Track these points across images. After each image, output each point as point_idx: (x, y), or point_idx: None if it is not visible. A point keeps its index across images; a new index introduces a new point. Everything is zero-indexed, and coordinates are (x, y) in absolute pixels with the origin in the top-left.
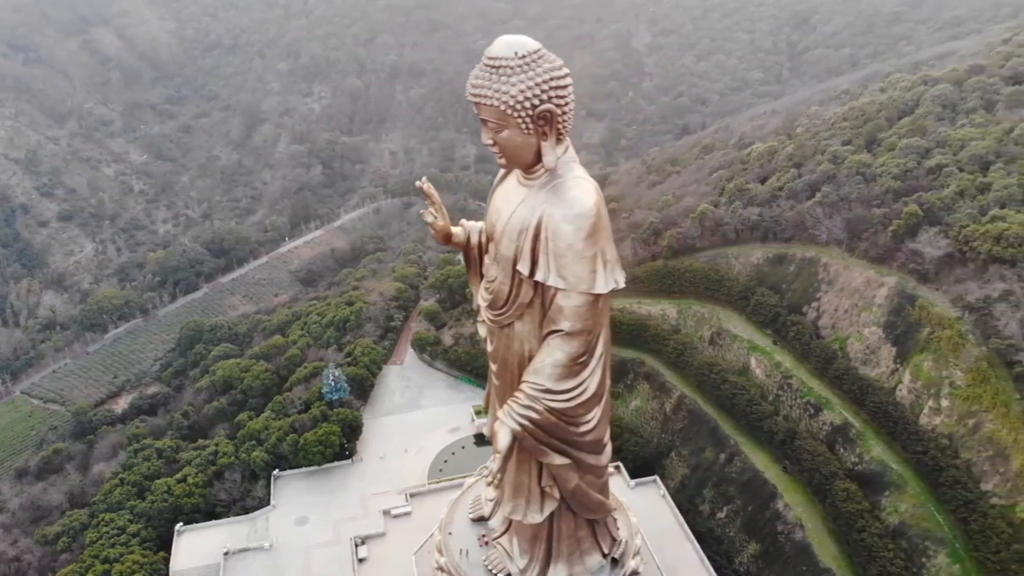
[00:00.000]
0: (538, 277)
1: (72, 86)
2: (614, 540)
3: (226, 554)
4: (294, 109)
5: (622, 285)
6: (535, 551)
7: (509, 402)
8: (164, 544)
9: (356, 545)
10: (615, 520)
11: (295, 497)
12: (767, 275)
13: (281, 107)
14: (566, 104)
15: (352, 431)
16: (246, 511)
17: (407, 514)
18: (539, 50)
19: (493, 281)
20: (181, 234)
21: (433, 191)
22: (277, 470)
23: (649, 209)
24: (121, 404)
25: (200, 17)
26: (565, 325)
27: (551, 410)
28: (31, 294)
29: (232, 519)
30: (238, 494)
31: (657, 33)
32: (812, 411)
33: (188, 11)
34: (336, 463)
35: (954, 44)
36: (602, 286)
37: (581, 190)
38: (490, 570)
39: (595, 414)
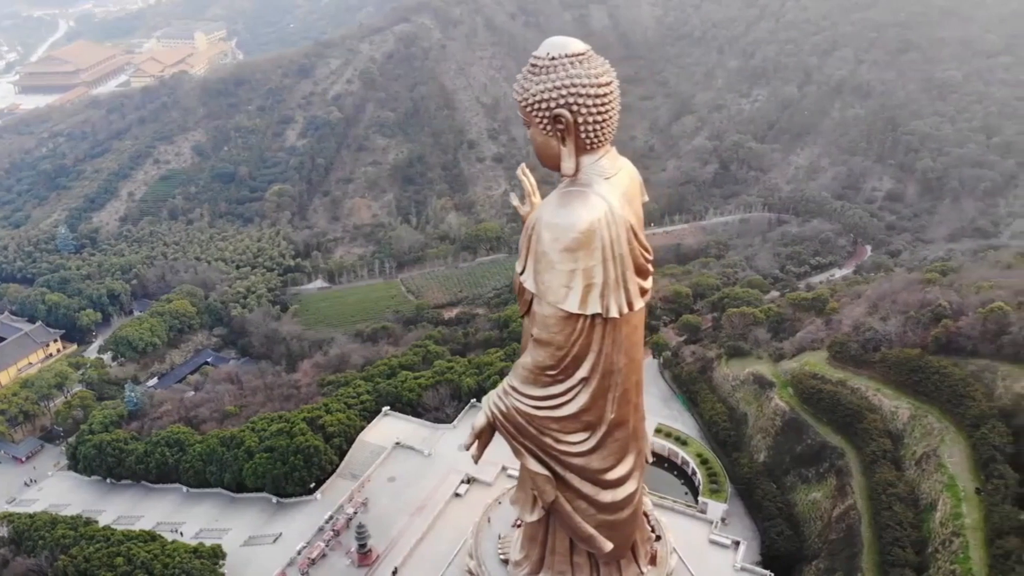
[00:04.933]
0: (522, 276)
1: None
2: None
3: (396, 444)
4: (725, 107)
5: (611, 314)
6: (531, 552)
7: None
8: (371, 417)
9: (462, 481)
10: (640, 573)
11: None
12: None
13: (714, 103)
14: (589, 113)
15: None
16: (437, 421)
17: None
18: (579, 55)
19: None
20: None
21: (527, 178)
22: (475, 399)
23: (953, 290)
24: (451, 312)
25: (685, 7)
26: (534, 331)
27: (518, 410)
28: (442, 210)
29: (422, 422)
30: (439, 404)
31: None
32: None
33: (679, 1)
34: None
35: None
36: (573, 305)
37: (581, 202)
38: (498, 548)
39: (581, 439)
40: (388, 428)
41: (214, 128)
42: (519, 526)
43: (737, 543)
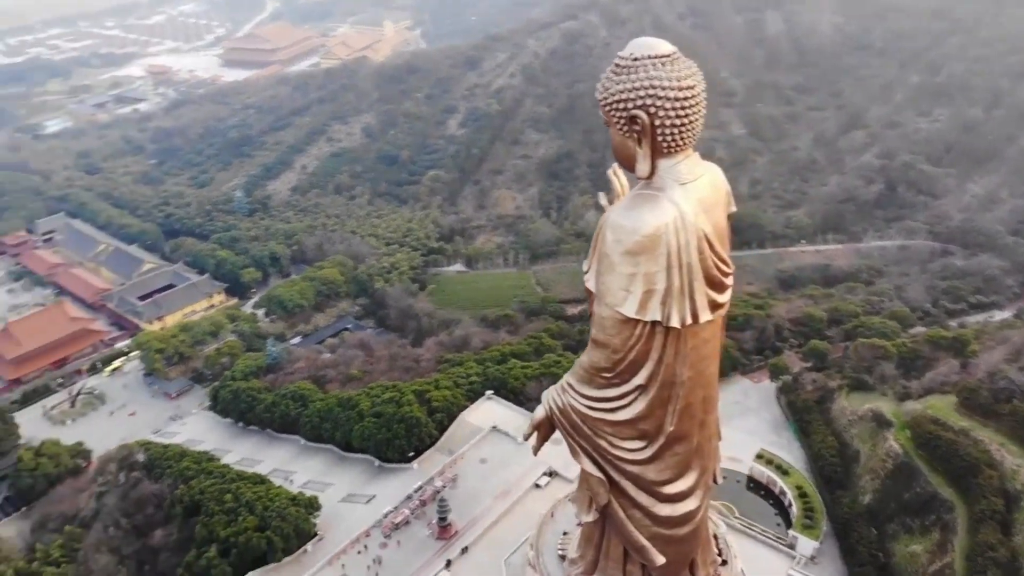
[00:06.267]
0: (587, 275)
1: (717, 55)
2: None
3: (493, 428)
4: (900, 124)
5: (672, 323)
6: (586, 552)
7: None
8: (476, 399)
9: (544, 473)
10: None
11: None
12: None
13: (888, 119)
14: (667, 116)
15: None
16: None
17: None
18: (664, 56)
19: None
20: None
21: (617, 178)
22: None
23: None
24: (575, 309)
25: (871, 18)
26: (592, 330)
27: (573, 408)
28: (582, 207)
29: (521, 410)
30: (539, 396)
31: None
32: None
33: (863, 11)
34: None
35: None
36: (631, 310)
37: (650, 206)
38: (559, 544)
39: (637, 447)
40: (488, 411)
41: (384, 112)
42: (579, 525)
43: None
